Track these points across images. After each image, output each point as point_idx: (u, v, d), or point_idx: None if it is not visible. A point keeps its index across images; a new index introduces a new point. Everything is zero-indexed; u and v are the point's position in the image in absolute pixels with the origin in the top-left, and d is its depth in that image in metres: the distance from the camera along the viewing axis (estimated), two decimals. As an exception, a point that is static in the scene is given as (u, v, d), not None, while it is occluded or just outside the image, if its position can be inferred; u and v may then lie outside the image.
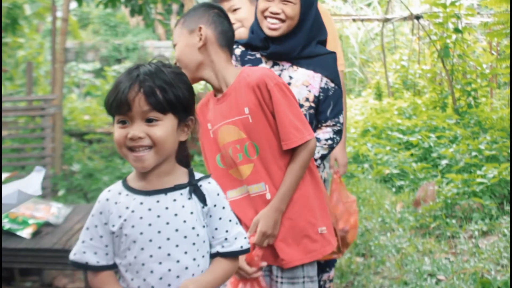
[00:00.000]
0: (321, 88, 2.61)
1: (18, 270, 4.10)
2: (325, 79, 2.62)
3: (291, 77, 2.61)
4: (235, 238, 1.83)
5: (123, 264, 1.78)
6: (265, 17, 2.59)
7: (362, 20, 12.47)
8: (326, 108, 2.62)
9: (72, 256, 1.81)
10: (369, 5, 15.31)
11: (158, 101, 1.70)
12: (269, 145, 2.31)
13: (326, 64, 2.65)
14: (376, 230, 5.11)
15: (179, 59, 2.32)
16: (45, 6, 9.95)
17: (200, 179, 1.82)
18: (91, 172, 7.12)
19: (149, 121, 1.71)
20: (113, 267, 1.81)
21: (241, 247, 1.84)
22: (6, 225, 3.62)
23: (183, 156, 1.87)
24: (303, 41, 2.62)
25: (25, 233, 3.60)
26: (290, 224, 2.34)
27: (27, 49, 11.70)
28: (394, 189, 6.49)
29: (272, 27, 2.58)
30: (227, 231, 1.82)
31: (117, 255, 1.79)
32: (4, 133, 6.25)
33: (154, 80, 1.71)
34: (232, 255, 1.84)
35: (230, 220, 1.84)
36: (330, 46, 3.23)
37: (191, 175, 1.83)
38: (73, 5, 10.64)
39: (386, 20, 11.54)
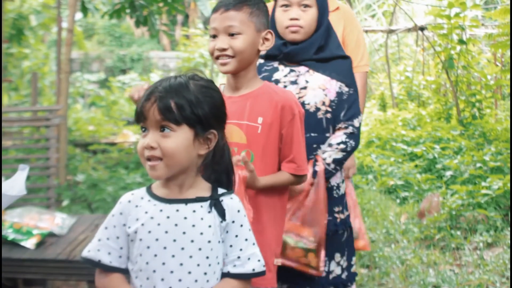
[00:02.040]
0: (336, 92, 2.67)
1: (22, 280, 4.09)
2: (339, 83, 2.68)
3: (307, 81, 2.66)
4: (248, 259, 1.81)
5: (134, 269, 1.78)
6: (286, 27, 2.67)
7: (366, 31, 12.47)
8: (340, 111, 2.69)
9: (85, 253, 1.81)
10: (373, 16, 15.33)
11: (170, 111, 1.71)
12: (264, 159, 2.32)
13: (342, 69, 2.72)
14: (381, 242, 5.09)
15: (240, 53, 2.27)
16: (51, 17, 10.00)
17: (222, 194, 1.82)
18: (96, 183, 7.12)
19: (162, 130, 1.72)
20: (125, 271, 1.81)
21: (253, 269, 1.81)
22: (10, 235, 3.61)
23: (225, 171, 1.88)
24: (319, 42, 2.69)
25: (29, 243, 3.59)
26: (259, 245, 2.33)
27: (32, 60, 11.74)
28: (398, 200, 6.47)
29: (293, 30, 2.66)
30: (241, 250, 1.80)
31: (129, 260, 1.80)
32: (8, 143, 6.25)
33: (171, 93, 1.72)
34: (243, 277, 1.81)
35: (246, 239, 1.82)
36: (353, 44, 3.35)
37: (214, 189, 1.83)
38: (79, 16, 10.68)
39: (391, 31, 11.55)
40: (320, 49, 2.70)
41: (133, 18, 7.52)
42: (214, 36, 2.30)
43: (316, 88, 2.64)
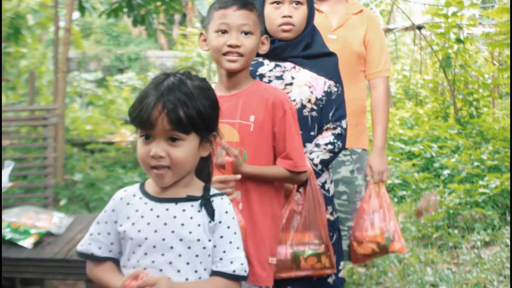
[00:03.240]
0: (324, 92, 2.61)
1: (19, 280, 4.09)
2: (328, 83, 2.63)
3: (293, 78, 2.62)
4: (231, 262, 1.80)
5: (126, 266, 1.80)
6: (279, 25, 2.62)
7: (364, 30, 12.46)
8: (328, 111, 2.63)
9: (79, 247, 1.85)
10: (371, 15, 15.34)
11: (181, 122, 1.70)
12: (257, 158, 2.32)
13: (328, 67, 2.67)
14: (378, 240, 5.09)
15: (250, 52, 2.30)
16: (48, 16, 9.98)
17: (214, 195, 1.83)
18: (93, 182, 7.13)
19: (172, 139, 1.72)
20: (116, 261, 1.84)
21: (234, 271, 1.80)
22: (8, 234, 3.61)
23: (205, 172, 1.89)
24: (306, 39, 2.66)
25: (27, 243, 3.59)
26: (254, 244, 2.30)
27: (29, 59, 11.71)
28: (396, 199, 6.48)
29: (286, 29, 2.61)
30: (224, 252, 1.80)
31: (122, 256, 1.82)
32: (6, 142, 6.25)
33: (180, 104, 1.70)
34: (226, 277, 1.79)
35: (230, 242, 1.81)
36: (378, 49, 3.35)
37: (206, 189, 1.84)
38: (76, 15, 10.68)
39: (388, 30, 11.55)
40: (307, 46, 2.67)
41: (130, 17, 7.53)
42: (223, 32, 2.29)
43: (302, 85, 2.60)
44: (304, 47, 2.66)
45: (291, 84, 2.61)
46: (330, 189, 2.76)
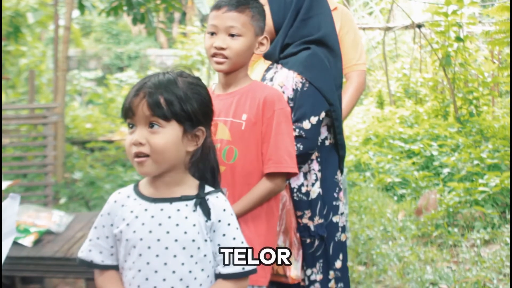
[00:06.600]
0: (293, 89, 2.50)
1: (19, 278, 4.09)
2: (295, 79, 2.50)
3: (271, 79, 2.57)
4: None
5: (124, 268, 1.79)
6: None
7: (364, 29, 12.48)
8: (293, 110, 2.50)
9: (79, 254, 1.84)
10: (370, 13, 15.33)
11: (160, 107, 1.70)
12: (248, 157, 2.29)
13: (298, 59, 2.54)
14: (378, 239, 5.10)
15: (237, 55, 2.28)
16: (48, 15, 9.98)
17: (208, 193, 1.81)
18: (93, 180, 7.12)
19: (151, 126, 1.71)
20: (118, 267, 1.82)
21: (243, 268, 1.78)
22: (8, 233, 3.61)
23: (210, 169, 1.86)
24: (280, 44, 2.57)
25: (27, 241, 3.59)
26: None
27: (29, 57, 11.71)
28: (396, 198, 6.48)
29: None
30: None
31: (119, 259, 1.81)
32: (6, 141, 6.25)
33: (160, 89, 1.71)
34: (235, 277, 1.78)
35: (234, 238, 1.79)
36: (350, 44, 3.33)
37: (201, 187, 1.82)
38: (76, 13, 10.67)
39: (388, 29, 11.56)
40: (284, 48, 2.57)
41: (130, 15, 7.52)
42: (212, 34, 2.29)
43: (276, 85, 2.53)
44: (282, 50, 2.57)
45: (271, 85, 2.56)
46: (311, 192, 2.56)
